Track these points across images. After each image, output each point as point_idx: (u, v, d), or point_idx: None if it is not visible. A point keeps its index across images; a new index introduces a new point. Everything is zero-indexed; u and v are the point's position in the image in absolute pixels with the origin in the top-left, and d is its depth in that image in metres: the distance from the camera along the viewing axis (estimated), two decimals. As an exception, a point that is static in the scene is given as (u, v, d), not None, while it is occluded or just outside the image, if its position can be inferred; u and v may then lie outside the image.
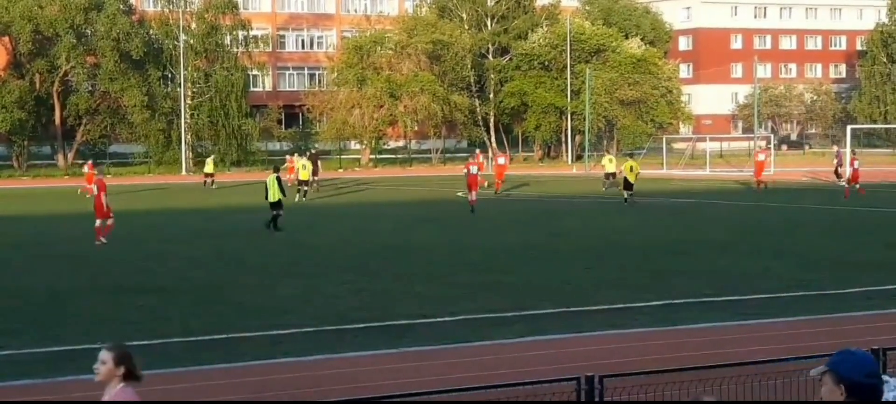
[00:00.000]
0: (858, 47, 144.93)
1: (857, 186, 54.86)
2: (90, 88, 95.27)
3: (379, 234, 37.16)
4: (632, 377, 10.76)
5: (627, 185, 51.69)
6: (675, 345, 17.23)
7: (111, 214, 36.06)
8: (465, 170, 50.59)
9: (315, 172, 62.51)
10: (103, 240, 34.76)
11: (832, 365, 5.68)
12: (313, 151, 70.36)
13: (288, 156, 70.03)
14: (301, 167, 58.92)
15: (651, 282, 24.62)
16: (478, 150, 67.56)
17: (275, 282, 25.68)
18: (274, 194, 39.50)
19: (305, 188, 57.27)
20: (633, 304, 21.58)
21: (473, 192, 48.50)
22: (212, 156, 76.30)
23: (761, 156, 59.82)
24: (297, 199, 53.54)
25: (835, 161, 66.53)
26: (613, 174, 60.39)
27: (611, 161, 61.80)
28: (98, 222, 35.61)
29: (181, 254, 31.75)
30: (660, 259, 29.36)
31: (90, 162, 64.11)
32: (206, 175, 70.26)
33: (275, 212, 39.03)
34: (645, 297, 22.26)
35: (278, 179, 40.34)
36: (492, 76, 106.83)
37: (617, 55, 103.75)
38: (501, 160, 62.35)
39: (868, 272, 25.91)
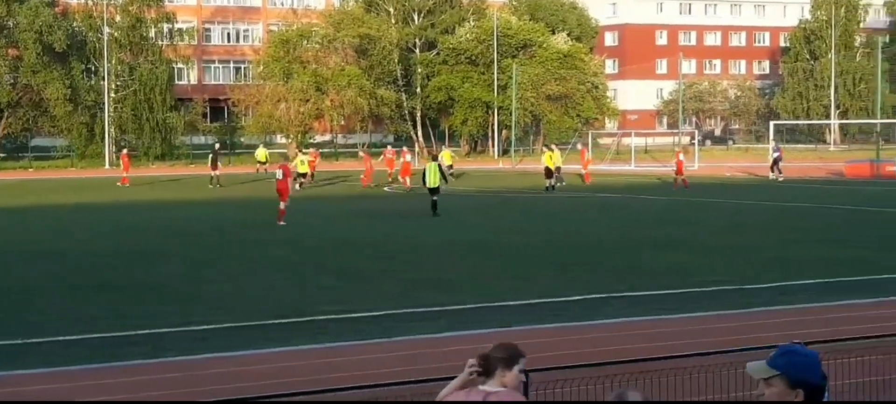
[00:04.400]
0: (782, 44, 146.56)
1: (682, 178, 56.82)
2: (12, 81, 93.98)
3: (310, 229, 36.87)
4: (555, 372, 10.66)
5: (549, 174, 52.34)
6: (600, 340, 17.15)
7: None
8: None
9: (214, 166, 62.98)
10: None
11: (785, 368, 5.39)
12: (216, 146, 69.87)
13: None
14: (300, 161, 60.64)
15: (576, 278, 24.55)
16: (390, 146, 67.69)
17: (201, 276, 25.37)
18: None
19: (302, 179, 58.68)
20: (556, 299, 21.48)
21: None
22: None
23: (682, 156, 60.33)
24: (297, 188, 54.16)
25: (772, 156, 66.98)
26: (558, 168, 60.29)
27: (551, 156, 61.60)
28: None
29: (95, 249, 31.30)
30: (584, 254, 29.36)
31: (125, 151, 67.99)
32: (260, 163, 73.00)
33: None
34: (568, 293, 22.16)
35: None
36: (419, 70, 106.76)
37: (543, 50, 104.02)
38: (408, 157, 61.70)
39: (788, 268, 26.03)
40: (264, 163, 72.16)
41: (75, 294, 22.66)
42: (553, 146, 63.45)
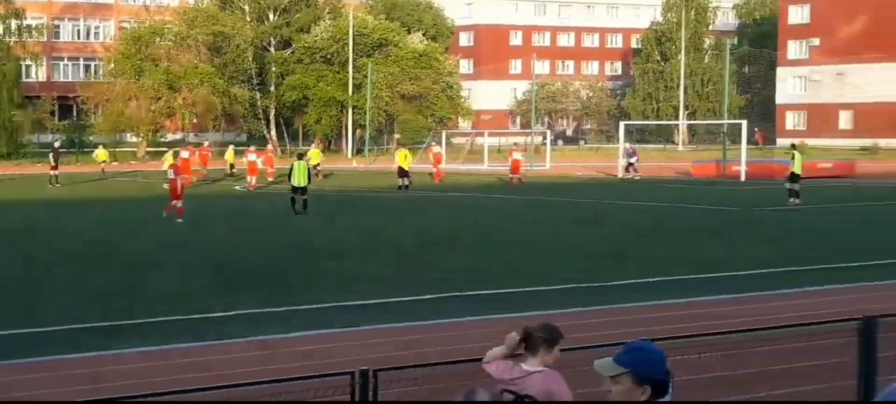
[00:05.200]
0: (634, 45, 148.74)
1: (517, 177, 57.80)
2: None
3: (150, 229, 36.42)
4: (407, 370, 10.66)
5: (402, 173, 52.99)
6: (450, 339, 17.22)
7: None
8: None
9: (55, 166, 61.61)
10: None
11: (632, 365, 5.44)
12: (56, 144, 68.39)
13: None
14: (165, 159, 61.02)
15: (423, 277, 24.61)
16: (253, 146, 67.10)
17: (42, 275, 24.89)
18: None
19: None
20: (406, 298, 21.51)
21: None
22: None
23: (517, 155, 60.82)
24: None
25: (625, 158, 68.01)
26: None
27: (405, 157, 61.60)
28: None
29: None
30: (432, 253, 29.44)
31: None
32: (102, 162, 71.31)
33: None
34: (418, 291, 22.20)
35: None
36: (274, 69, 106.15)
37: (399, 50, 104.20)
38: (251, 157, 60.97)
39: (635, 265, 26.42)
40: (103, 163, 71.06)
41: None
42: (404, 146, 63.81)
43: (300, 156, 46.17)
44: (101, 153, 74.96)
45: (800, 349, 12.77)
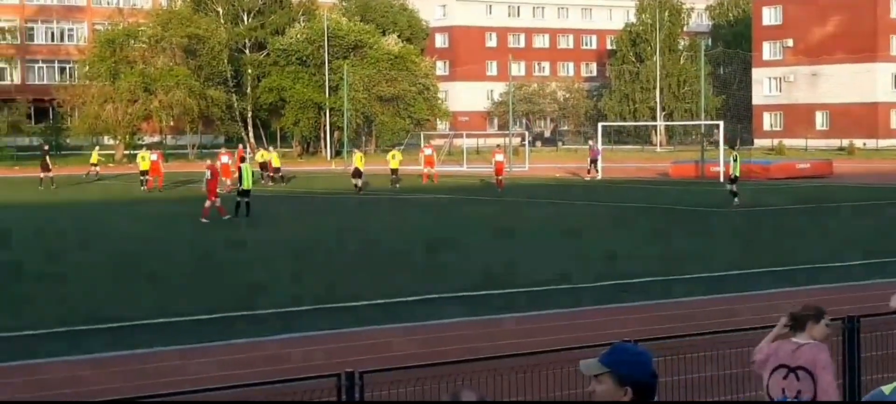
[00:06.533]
0: (609, 47, 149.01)
1: (500, 178, 57.51)
2: None
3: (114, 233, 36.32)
4: (392, 372, 10.65)
5: (357, 174, 54.05)
6: (435, 340, 17.23)
7: None
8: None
9: (46, 169, 61.68)
10: None
11: (615, 365, 5.43)
12: (45, 147, 68.17)
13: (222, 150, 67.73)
14: (141, 159, 61.32)
15: (411, 280, 24.62)
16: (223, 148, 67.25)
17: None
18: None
19: (146, 178, 59.51)
20: (395, 300, 21.51)
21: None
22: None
23: (499, 157, 60.72)
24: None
25: (589, 157, 68.46)
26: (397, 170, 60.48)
27: (394, 157, 61.72)
28: None
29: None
30: (421, 255, 29.48)
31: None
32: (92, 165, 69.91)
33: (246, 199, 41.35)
34: (404, 293, 22.19)
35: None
36: (249, 71, 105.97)
37: (374, 51, 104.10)
38: (224, 158, 60.66)
39: (620, 265, 26.48)
40: (97, 165, 70.62)
41: None
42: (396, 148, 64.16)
43: (242, 160, 46.47)
44: (96, 154, 73.43)
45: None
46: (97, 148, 75.28)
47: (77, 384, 14.67)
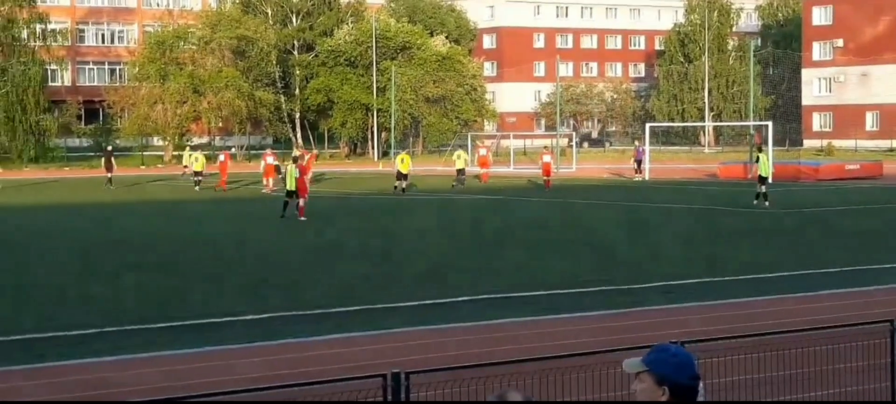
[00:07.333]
0: (657, 47, 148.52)
1: (548, 179, 57.75)
2: None
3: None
4: (438, 373, 10.66)
5: (400, 176, 54.06)
6: (484, 341, 17.21)
7: None
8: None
9: (109, 169, 63.40)
10: None
11: (653, 365, 5.43)
12: (108, 148, 69.17)
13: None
14: (194, 160, 62.23)
15: (459, 280, 24.61)
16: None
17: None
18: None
19: (199, 178, 60.01)
20: (442, 301, 21.51)
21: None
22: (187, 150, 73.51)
23: (547, 158, 60.60)
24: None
25: (633, 157, 68.67)
26: (463, 170, 60.66)
27: (459, 157, 61.77)
28: None
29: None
30: (470, 256, 29.46)
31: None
32: (184, 167, 69.84)
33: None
34: (451, 294, 22.18)
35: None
36: (297, 72, 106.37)
37: (422, 53, 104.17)
38: (269, 159, 60.72)
39: (664, 267, 26.38)
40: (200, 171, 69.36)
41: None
42: (461, 148, 64.70)
43: (294, 160, 44.43)
44: (190, 155, 71.55)
45: (829, 351, 12.72)
46: (188, 149, 72.89)
47: (122, 384, 14.77)
